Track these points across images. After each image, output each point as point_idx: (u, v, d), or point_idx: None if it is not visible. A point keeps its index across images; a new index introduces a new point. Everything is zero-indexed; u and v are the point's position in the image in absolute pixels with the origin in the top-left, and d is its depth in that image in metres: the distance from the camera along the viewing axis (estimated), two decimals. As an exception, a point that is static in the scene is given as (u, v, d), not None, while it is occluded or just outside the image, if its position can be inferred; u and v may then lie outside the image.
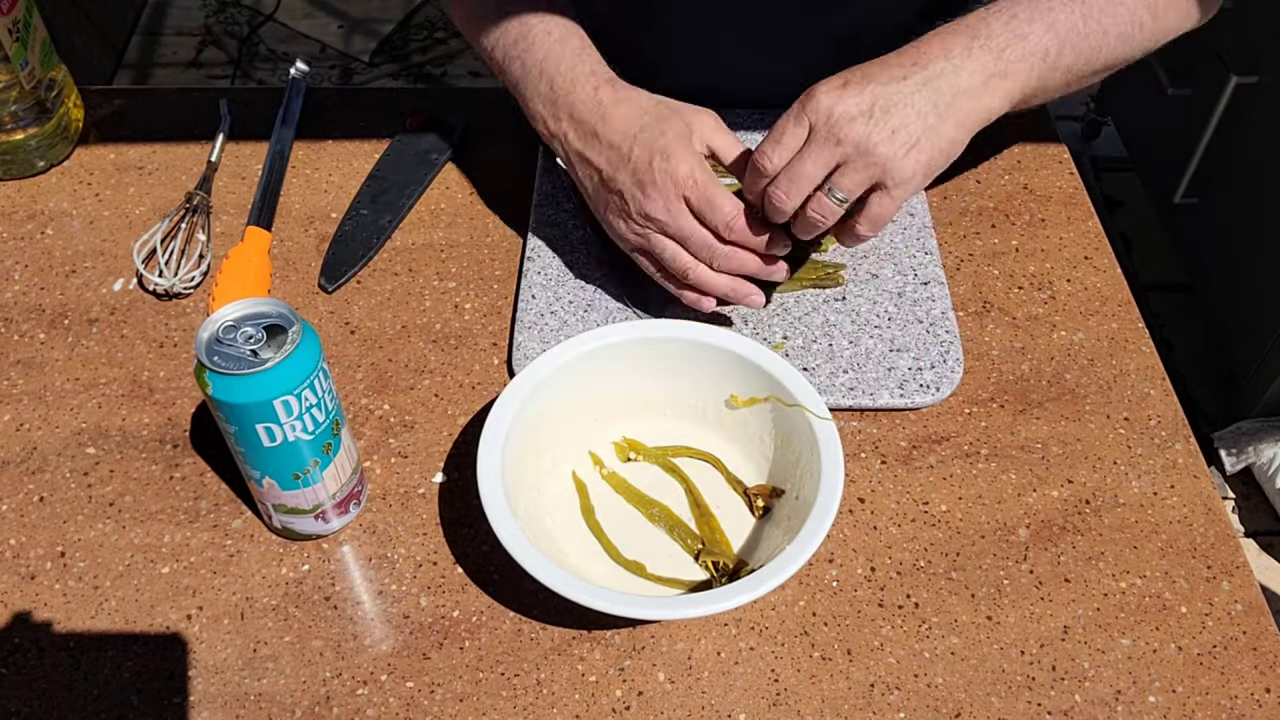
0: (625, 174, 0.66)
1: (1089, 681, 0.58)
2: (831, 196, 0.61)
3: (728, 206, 0.65)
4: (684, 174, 0.64)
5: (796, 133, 0.61)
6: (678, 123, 0.66)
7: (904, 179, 0.60)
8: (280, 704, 0.57)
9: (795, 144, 0.61)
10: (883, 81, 0.60)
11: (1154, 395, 0.72)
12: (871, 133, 0.59)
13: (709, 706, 0.57)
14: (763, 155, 0.62)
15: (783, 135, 0.62)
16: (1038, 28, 0.62)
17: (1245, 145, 1.60)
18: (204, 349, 0.54)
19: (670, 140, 0.65)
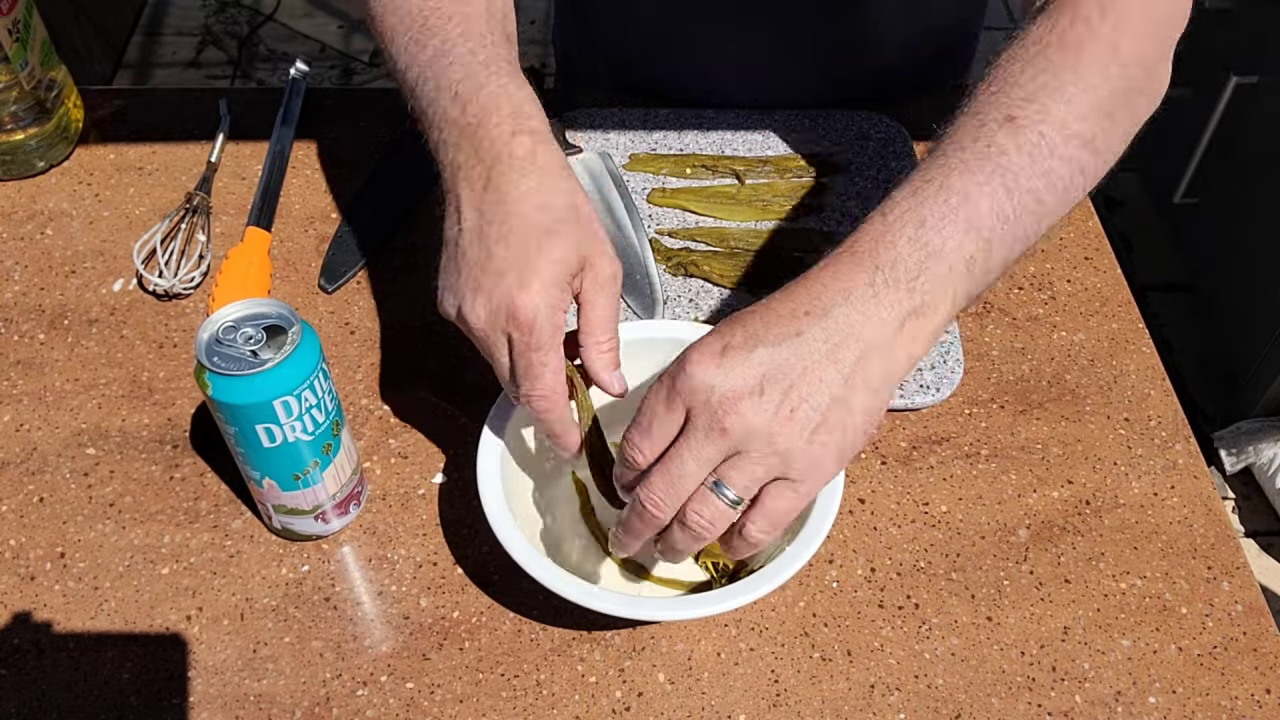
0: (475, 257, 0.52)
1: (1089, 682, 0.58)
2: (720, 495, 0.47)
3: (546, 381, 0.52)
4: (525, 315, 0.50)
5: (669, 419, 0.47)
6: (566, 249, 0.52)
7: (810, 469, 0.47)
8: (280, 705, 0.57)
9: (669, 433, 0.48)
10: (771, 343, 0.46)
11: (1154, 395, 0.72)
12: (764, 416, 0.46)
13: (709, 707, 0.57)
14: (631, 447, 0.49)
15: (651, 422, 0.48)
16: (953, 233, 0.48)
17: (1245, 145, 1.60)
18: (204, 349, 0.54)
19: (541, 266, 0.51)
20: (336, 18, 2.50)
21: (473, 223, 0.52)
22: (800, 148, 0.85)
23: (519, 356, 0.52)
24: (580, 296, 0.54)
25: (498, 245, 0.51)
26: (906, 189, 0.50)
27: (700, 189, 0.82)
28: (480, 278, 0.52)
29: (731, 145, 0.85)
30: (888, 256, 0.48)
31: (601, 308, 0.54)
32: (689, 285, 0.75)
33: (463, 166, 0.54)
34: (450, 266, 0.54)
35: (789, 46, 0.84)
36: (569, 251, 0.52)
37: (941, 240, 0.48)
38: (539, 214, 0.52)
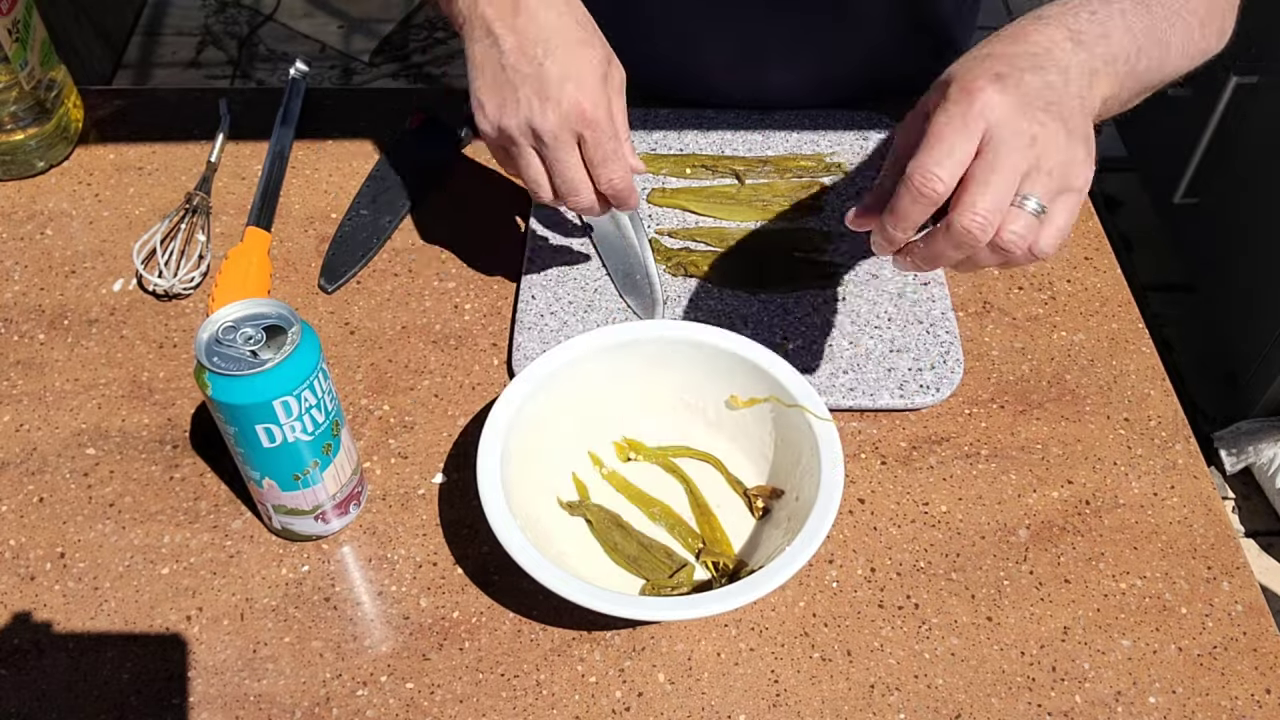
0: (529, 72, 0.60)
1: (1089, 682, 0.58)
2: (1027, 207, 0.49)
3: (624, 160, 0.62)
4: (590, 111, 0.60)
5: (966, 144, 0.48)
6: (602, 55, 0.61)
7: (1087, 179, 0.50)
8: (280, 705, 0.57)
9: (966, 157, 0.48)
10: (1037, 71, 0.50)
11: (1154, 395, 0.72)
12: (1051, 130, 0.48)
13: (709, 707, 0.57)
14: (929, 175, 0.48)
15: (952, 147, 0.48)
16: (1117, 28, 0.54)
17: (1245, 145, 1.60)
18: (204, 349, 0.54)
19: (589, 69, 0.60)
20: (336, 18, 2.50)
21: (512, 43, 0.60)
22: (800, 148, 0.85)
23: (597, 149, 0.61)
24: None
25: (548, 60, 0.59)
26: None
27: (700, 189, 0.82)
28: (542, 88, 0.59)
29: (731, 145, 0.85)
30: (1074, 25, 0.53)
31: (619, 108, 0.63)
32: (689, 285, 0.75)
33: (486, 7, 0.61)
34: (495, 84, 0.61)
35: (788, 46, 0.84)
36: (603, 60, 0.61)
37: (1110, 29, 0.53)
38: (575, 29, 0.61)
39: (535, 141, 0.61)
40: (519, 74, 0.60)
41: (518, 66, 0.60)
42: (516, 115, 0.60)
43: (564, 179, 0.62)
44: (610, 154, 0.61)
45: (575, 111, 0.59)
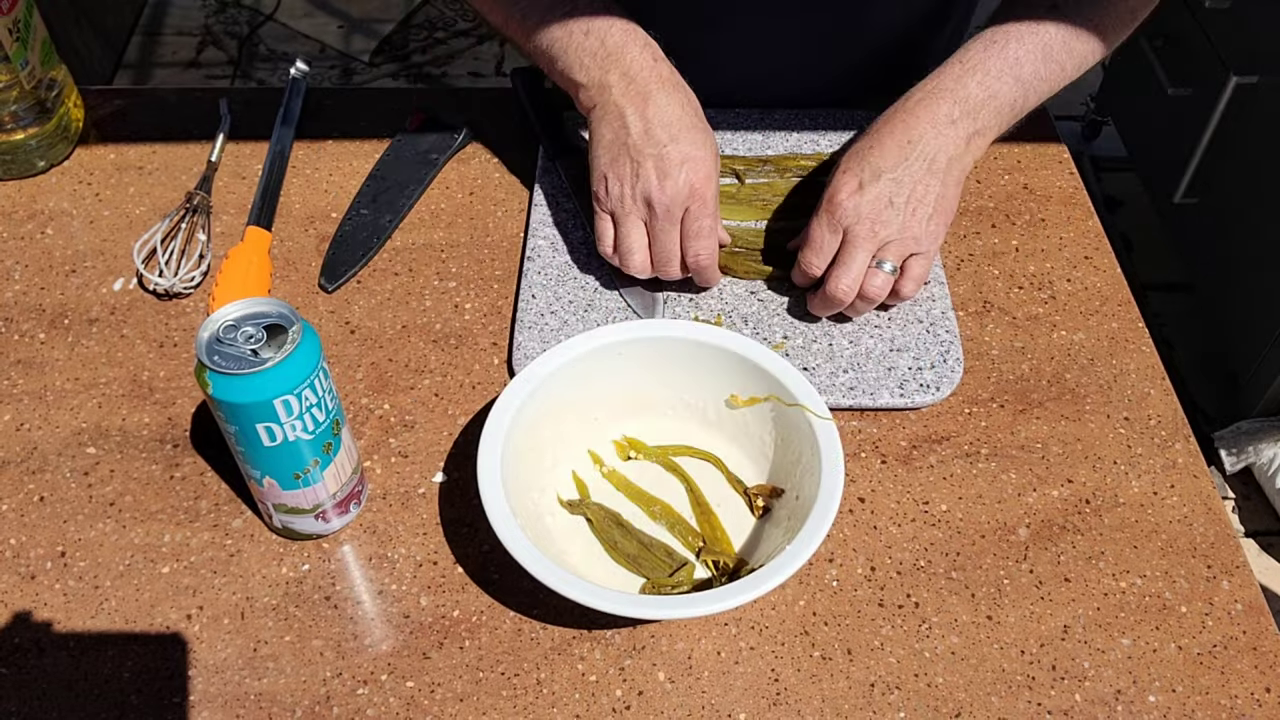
0: (651, 153, 0.68)
1: (1089, 681, 0.58)
2: (882, 269, 0.69)
3: (711, 241, 0.70)
4: (699, 190, 0.68)
5: (832, 239, 0.69)
6: (714, 145, 0.70)
7: (932, 243, 0.69)
8: (280, 704, 0.57)
9: (832, 248, 0.69)
10: (891, 171, 0.68)
11: (1154, 395, 0.72)
12: (899, 219, 0.68)
13: (709, 706, 0.57)
14: (808, 264, 0.70)
15: (821, 243, 0.69)
16: (1007, 83, 0.70)
17: (1245, 145, 1.60)
18: (204, 349, 0.54)
19: (704, 156, 0.68)
20: (336, 18, 2.50)
21: (641, 128, 0.68)
22: (800, 148, 0.85)
23: (694, 222, 0.69)
24: None
25: (671, 144, 0.68)
26: (978, 45, 0.71)
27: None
28: (664, 167, 0.68)
29: (731, 145, 0.85)
30: (963, 95, 0.69)
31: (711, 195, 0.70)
32: (688, 285, 0.75)
33: (614, 85, 0.69)
34: (621, 160, 0.69)
35: (788, 44, 0.84)
36: (714, 148, 0.70)
37: (999, 87, 0.70)
38: (694, 119, 0.70)
39: (647, 213, 0.69)
40: (644, 154, 0.68)
41: (643, 148, 0.68)
42: (637, 187, 0.68)
43: (663, 249, 0.70)
44: (706, 230, 0.69)
45: (689, 189, 0.68)
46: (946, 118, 0.69)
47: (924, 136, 0.69)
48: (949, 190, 0.69)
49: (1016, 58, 0.70)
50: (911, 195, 0.68)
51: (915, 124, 0.69)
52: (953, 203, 0.70)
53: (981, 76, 0.69)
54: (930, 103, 0.69)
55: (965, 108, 0.69)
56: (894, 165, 0.68)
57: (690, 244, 0.69)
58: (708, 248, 0.70)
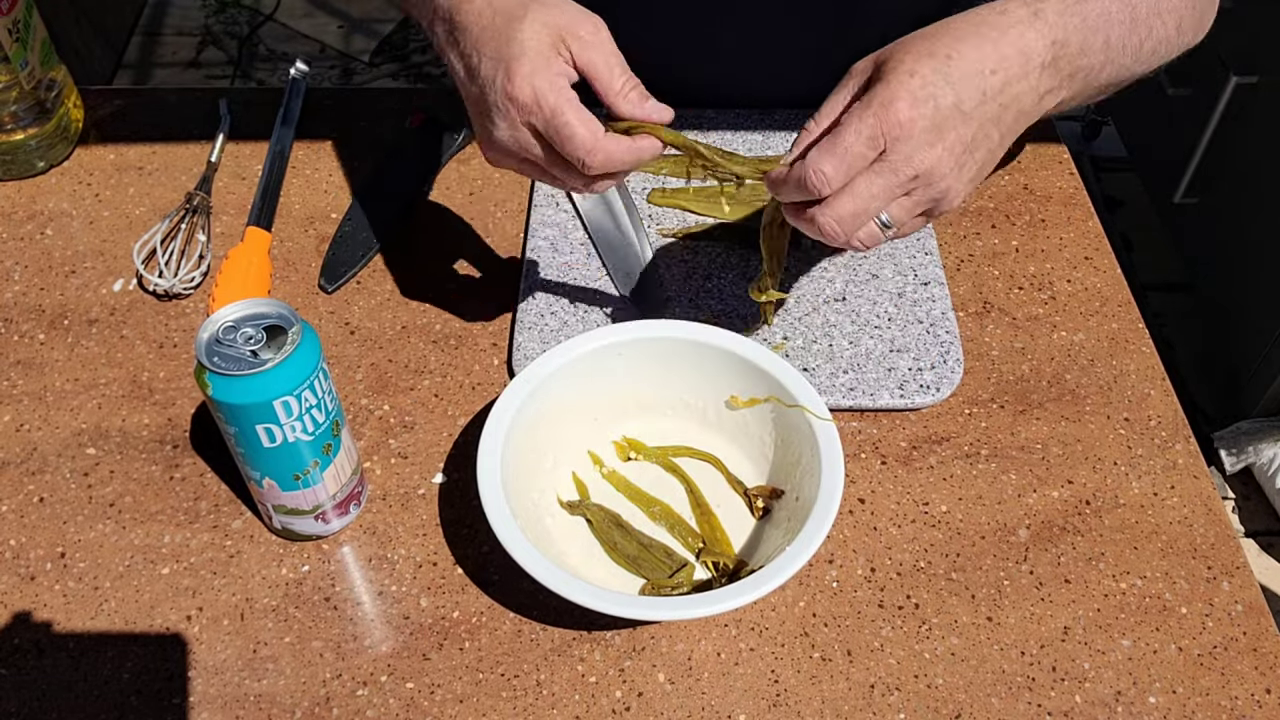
0: (475, 89, 0.56)
1: (1089, 682, 0.58)
2: (881, 225, 0.54)
3: (581, 135, 0.54)
4: (525, 97, 0.53)
5: (865, 155, 0.51)
6: (533, 26, 0.54)
7: (955, 205, 0.54)
8: (280, 705, 0.57)
9: (860, 166, 0.52)
10: (965, 103, 0.52)
11: (1154, 395, 0.72)
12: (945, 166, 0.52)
13: (709, 707, 0.57)
14: (818, 173, 0.52)
15: (848, 155, 0.51)
16: (1097, 41, 0.56)
17: (1245, 145, 1.60)
18: (204, 349, 0.54)
19: (516, 50, 0.54)
20: (336, 18, 2.50)
21: (462, 69, 0.56)
22: (800, 148, 0.85)
23: (548, 133, 0.54)
24: (578, 66, 0.56)
25: (482, 64, 0.55)
26: None
27: (700, 189, 0.82)
28: (485, 99, 0.55)
29: (731, 145, 0.85)
30: (1062, 35, 0.54)
31: (600, 64, 0.56)
32: (689, 285, 0.75)
33: (443, 37, 0.58)
34: (473, 119, 0.58)
35: (789, 43, 0.84)
36: (535, 27, 0.54)
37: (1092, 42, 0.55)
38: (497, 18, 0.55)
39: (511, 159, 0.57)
40: (472, 96, 0.56)
41: (469, 89, 0.56)
42: (489, 145, 0.56)
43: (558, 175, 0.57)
44: (562, 131, 0.54)
45: (511, 105, 0.54)
46: (1040, 60, 0.54)
47: (1011, 73, 0.53)
48: (1000, 149, 0.55)
49: (1109, 13, 0.56)
50: (971, 143, 0.52)
51: (1008, 50, 0.53)
52: (995, 162, 0.55)
53: (1079, 23, 0.55)
54: (1027, 30, 0.54)
55: (1057, 54, 0.54)
56: (971, 97, 0.52)
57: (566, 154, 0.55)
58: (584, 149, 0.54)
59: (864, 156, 0.51)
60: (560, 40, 0.55)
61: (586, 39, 0.55)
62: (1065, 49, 0.54)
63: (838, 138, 0.51)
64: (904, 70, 0.51)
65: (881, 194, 0.52)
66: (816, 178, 0.51)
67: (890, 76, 0.51)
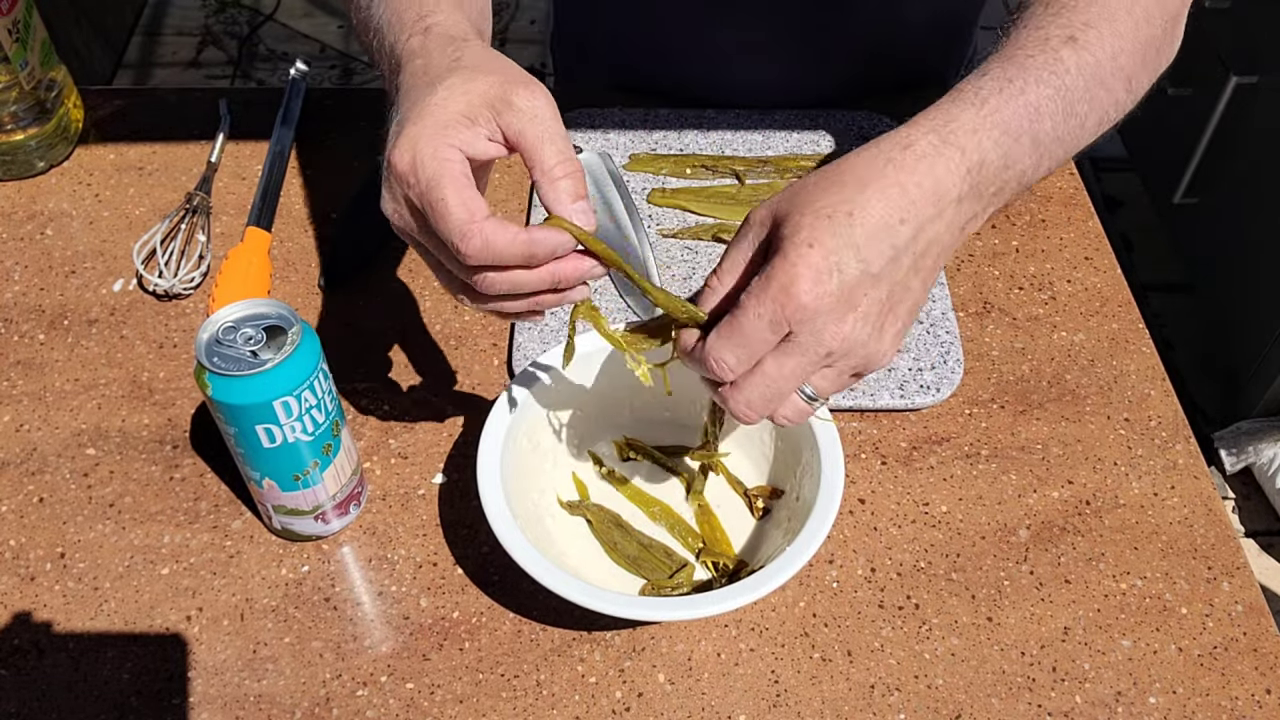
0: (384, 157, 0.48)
1: (1089, 682, 0.58)
2: (805, 397, 0.50)
3: (456, 214, 0.46)
4: (403, 165, 0.46)
5: (769, 339, 0.47)
6: (449, 90, 0.47)
7: (882, 363, 0.49)
8: (280, 705, 0.57)
9: (763, 351, 0.47)
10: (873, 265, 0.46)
11: (1154, 395, 0.72)
12: (863, 335, 0.47)
13: (709, 708, 0.57)
14: (719, 361, 0.47)
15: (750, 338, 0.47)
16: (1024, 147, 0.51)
17: (1245, 145, 1.60)
18: (204, 350, 0.54)
19: (417, 114, 0.47)
20: (336, 18, 2.49)
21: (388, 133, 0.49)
22: (800, 148, 0.85)
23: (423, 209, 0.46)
24: (507, 138, 0.48)
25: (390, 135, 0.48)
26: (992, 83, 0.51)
27: (700, 189, 0.82)
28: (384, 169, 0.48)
29: (731, 145, 0.85)
30: (976, 157, 0.49)
31: (531, 136, 0.47)
32: (689, 285, 0.75)
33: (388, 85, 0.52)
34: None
35: (788, 43, 0.84)
36: (449, 94, 0.47)
37: (1018, 155, 0.50)
38: (421, 79, 0.49)
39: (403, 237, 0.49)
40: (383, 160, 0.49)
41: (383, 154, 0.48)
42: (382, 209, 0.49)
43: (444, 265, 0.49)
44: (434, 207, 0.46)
45: (391, 174, 0.47)
46: (955, 195, 0.48)
47: (923, 218, 0.47)
48: (925, 292, 0.50)
49: (1035, 107, 0.51)
50: (888, 301, 0.47)
51: (915, 193, 0.47)
52: (923, 304, 0.50)
53: (999, 135, 0.49)
54: (936, 162, 0.48)
55: (975, 180, 0.49)
56: (878, 258, 0.46)
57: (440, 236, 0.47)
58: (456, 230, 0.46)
59: (767, 341, 0.47)
60: (485, 106, 0.47)
61: (520, 106, 0.47)
62: (984, 170, 0.49)
63: (737, 322, 0.46)
64: (802, 241, 0.45)
65: (794, 373, 0.47)
66: (718, 366, 0.47)
67: (789, 249, 0.46)
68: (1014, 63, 0.52)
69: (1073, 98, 0.52)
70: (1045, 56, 0.52)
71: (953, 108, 0.50)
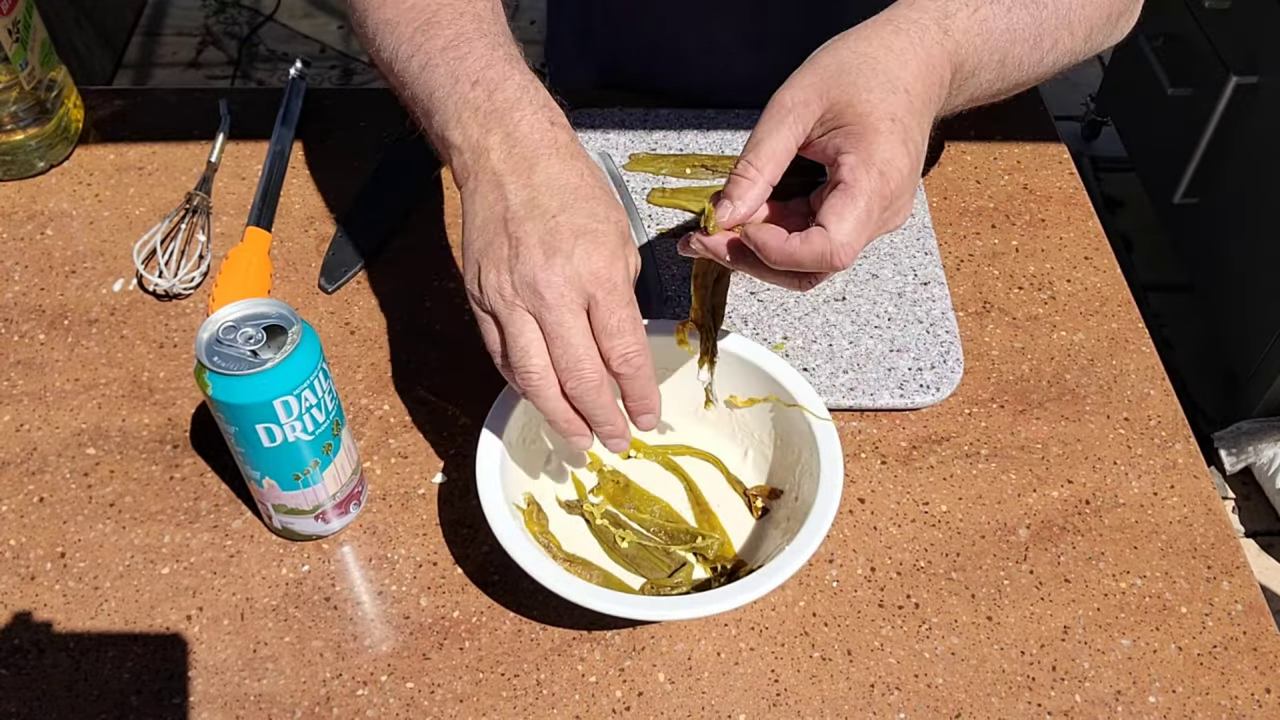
0: (536, 229, 0.52)
1: (1089, 682, 0.58)
2: None
3: (636, 336, 0.52)
4: (606, 272, 0.51)
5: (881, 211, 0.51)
6: (623, 220, 0.54)
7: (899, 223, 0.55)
8: (280, 704, 0.57)
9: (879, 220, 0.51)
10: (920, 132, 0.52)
11: (1154, 395, 0.72)
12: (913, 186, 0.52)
13: (709, 707, 0.57)
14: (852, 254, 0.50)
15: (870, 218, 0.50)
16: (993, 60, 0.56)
17: (1245, 145, 1.60)
18: (204, 349, 0.54)
19: (608, 230, 0.52)
20: (336, 18, 2.50)
21: (524, 198, 0.52)
22: (800, 148, 0.85)
23: (611, 314, 0.52)
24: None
25: (563, 214, 0.52)
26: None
27: (700, 189, 0.82)
28: (552, 241, 0.51)
29: (731, 145, 0.85)
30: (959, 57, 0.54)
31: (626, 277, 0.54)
32: (689, 285, 0.75)
33: (494, 149, 0.54)
34: (495, 241, 0.53)
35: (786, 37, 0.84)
36: (623, 222, 0.54)
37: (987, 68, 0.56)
38: (596, 190, 0.54)
39: (534, 301, 0.51)
40: (525, 229, 0.52)
41: (524, 220, 0.52)
42: (517, 270, 0.51)
43: (566, 349, 0.52)
44: (626, 321, 0.52)
45: (588, 268, 0.51)
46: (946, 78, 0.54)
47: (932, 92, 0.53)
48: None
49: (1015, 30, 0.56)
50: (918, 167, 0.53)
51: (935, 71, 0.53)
52: None
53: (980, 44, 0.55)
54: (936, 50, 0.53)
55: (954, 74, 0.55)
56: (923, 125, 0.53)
57: (608, 342, 0.52)
58: (633, 345, 0.52)
59: (881, 213, 0.50)
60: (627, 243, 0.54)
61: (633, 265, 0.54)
62: (961, 70, 0.55)
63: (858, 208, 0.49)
64: (884, 116, 0.50)
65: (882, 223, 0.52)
66: (846, 253, 0.49)
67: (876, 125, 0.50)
68: None
69: (1043, 31, 0.57)
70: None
71: (950, 3, 0.55)
